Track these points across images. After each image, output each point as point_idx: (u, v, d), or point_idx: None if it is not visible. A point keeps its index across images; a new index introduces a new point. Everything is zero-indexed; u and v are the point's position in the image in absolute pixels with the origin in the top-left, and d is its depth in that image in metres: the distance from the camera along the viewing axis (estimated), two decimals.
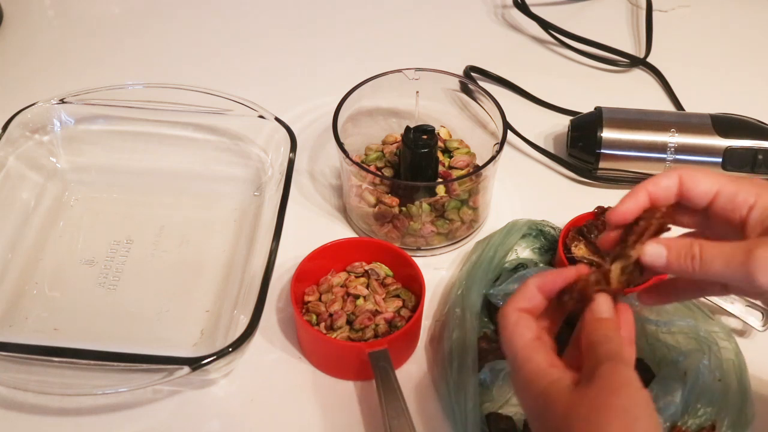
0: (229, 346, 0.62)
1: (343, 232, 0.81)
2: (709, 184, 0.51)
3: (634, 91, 0.99)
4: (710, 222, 0.53)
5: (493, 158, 0.75)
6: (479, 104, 0.82)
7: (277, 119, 0.81)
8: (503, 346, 0.50)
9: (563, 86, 0.98)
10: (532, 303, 0.51)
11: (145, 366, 0.62)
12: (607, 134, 0.83)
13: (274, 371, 0.70)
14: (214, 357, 0.61)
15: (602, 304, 0.49)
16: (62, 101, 0.83)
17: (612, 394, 0.44)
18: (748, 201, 0.50)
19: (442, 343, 0.69)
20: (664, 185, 0.52)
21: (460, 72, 0.97)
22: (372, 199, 0.77)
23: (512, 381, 0.49)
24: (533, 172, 0.88)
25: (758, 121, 0.85)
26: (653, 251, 0.50)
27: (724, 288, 0.54)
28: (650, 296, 0.57)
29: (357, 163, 0.76)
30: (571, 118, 0.89)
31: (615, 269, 0.51)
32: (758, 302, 0.74)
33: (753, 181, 0.51)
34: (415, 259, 0.72)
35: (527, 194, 0.86)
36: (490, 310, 0.72)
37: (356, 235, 0.81)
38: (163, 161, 0.84)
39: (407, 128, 0.77)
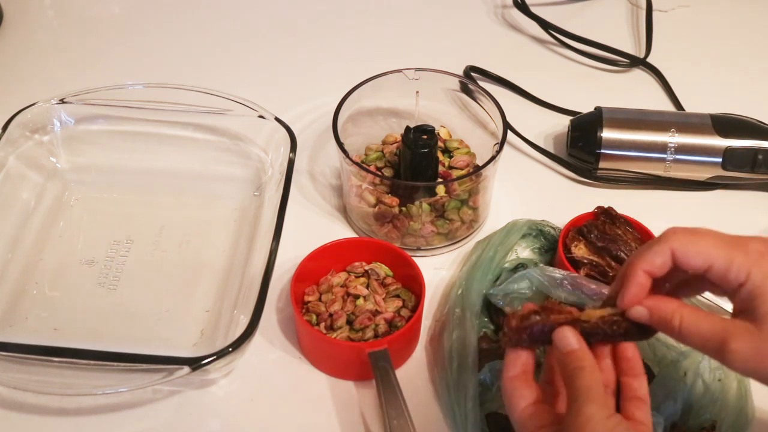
0: (229, 346, 0.62)
1: (343, 232, 0.81)
2: (700, 260, 0.50)
3: (634, 91, 0.99)
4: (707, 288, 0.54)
5: (493, 158, 0.75)
6: (479, 104, 0.82)
7: (277, 119, 0.81)
8: (508, 414, 0.53)
9: (563, 86, 0.98)
10: (523, 366, 0.53)
11: (145, 366, 0.62)
12: (607, 134, 0.83)
13: (274, 371, 0.70)
14: (214, 357, 0.61)
15: (567, 336, 0.52)
16: (62, 101, 0.83)
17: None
18: (739, 278, 0.49)
19: (442, 343, 0.69)
20: (658, 264, 0.51)
21: (460, 72, 0.97)
22: (372, 199, 0.77)
23: None
24: (533, 172, 0.88)
25: (758, 121, 0.85)
26: (638, 313, 0.52)
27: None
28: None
29: (357, 163, 0.76)
30: (571, 118, 0.89)
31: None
32: None
33: (748, 251, 0.50)
34: (415, 259, 0.72)
35: (527, 194, 0.86)
36: (490, 310, 0.72)
37: (356, 235, 0.81)
38: (163, 161, 0.84)
39: (407, 128, 0.77)
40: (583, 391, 0.49)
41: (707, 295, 0.71)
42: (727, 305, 0.71)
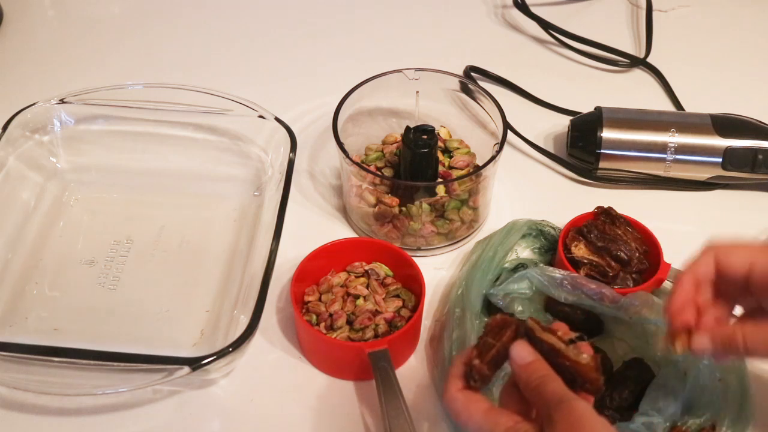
0: (229, 346, 0.62)
1: (343, 232, 0.81)
2: (740, 260, 0.53)
3: (634, 91, 0.99)
4: (756, 294, 0.54)
5: (493, 158, 0.75)
6: (479, 104, 0.82)
7: (277, 119, 0.81)
8: (464, 428, 0.52)
9: (563, 86, 0.98)
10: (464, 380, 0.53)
11: (145, 366, 0.62)
12: (607, 134, 0.83)
13: (274, 371, 0.70)
14: (214, 357, 0.61)
15: (522, 350, 0.52)
16: (62, 101, 0.83)
17: (576, 431, 0.47)
18: None
19: (442, 343, 0.69)
20: (702, 271, 0.54)
21: (460, 72, 0.97)
22: (372, 199, 0.77)
23: None
24: (533, 172, 0.88)
25: (758, 121, 0.85)
26: (700, 343, 0.53)
27: None
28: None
29: (357, 163, 0.76)
30: (571, 118, 0.89)
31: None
32: None
33: None
34: (415, 259, 0.72)
35: (527, 194, 0.86)
36: (490, 310, 0.72)
37: (356, 235, 0.81)
38: (163, 161, 0.84)
39: (407, 128, 0.77)
40: (560, 392, 0.49)
41: None
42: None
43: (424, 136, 0.76)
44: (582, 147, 0.86)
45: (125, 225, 0.80)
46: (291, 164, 0.77)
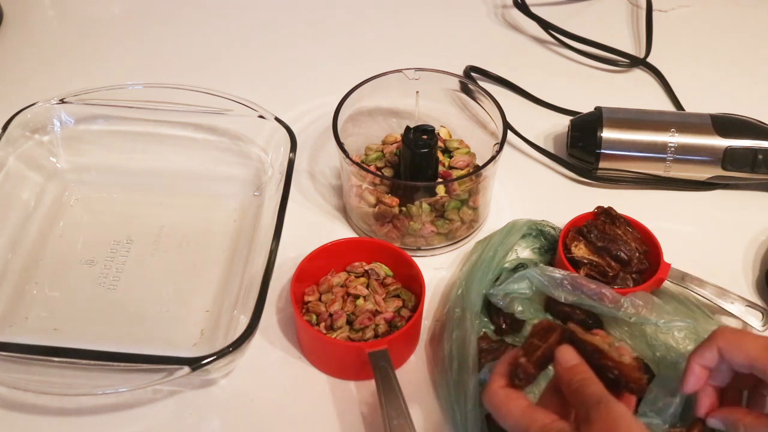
0: (229, 346, 0.62)
1: (343, 232, 0.81)
2: (743, 358, 0.55)
3: (634, 91, 0.99)
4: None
5: (493, 158, 0.75)
6: (479, 104, 0.82)
7: (277, 119, 0.81)
8: (501, 422, 0.53)
9: (563, 86, 0.98)
10: (509, 377, 0.55)
11: (145, 366, 0.62)
12: (607, 134, 0.83)
13: (274, 371, 0.70)
14: (214, 357, 0.61)
15: (566, 353, 0.53)
16: (62, 101, 0.83)
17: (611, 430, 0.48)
18: None
19: (442, 343, 0.69)
20: (708, 358, 0.57)
21: (460, 72, 0.97)
22: (372, 199, 0.77)
23: None
24: (533, 172, 0.88)
25: (758, 121, 0.85)
26: (715, 425, 0.58)
27: None
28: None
29: (357, 163, 0.76)
30: (571, 118, 0.89)
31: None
32: (758, 302, 0.74)
33: None
34: (415, 259, 0.72)
35: (527, 194, 0.86)
36: (490, 310, 0.72)
37: (356, 235, 0.81)
38: (163, 161, 0.84)
39: (407, 128, 0.77)
40: (600, 393, 0.50)
41: (706, 294, 0.72)
42: (728, 305, 0.71)
43: (424, 136, 0.76)
44: (582, 147, 0.86)
45: (125, 225, 0.80)
46: (291, 164, 0.77)
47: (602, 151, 0.84)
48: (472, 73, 0.98)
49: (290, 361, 0.71)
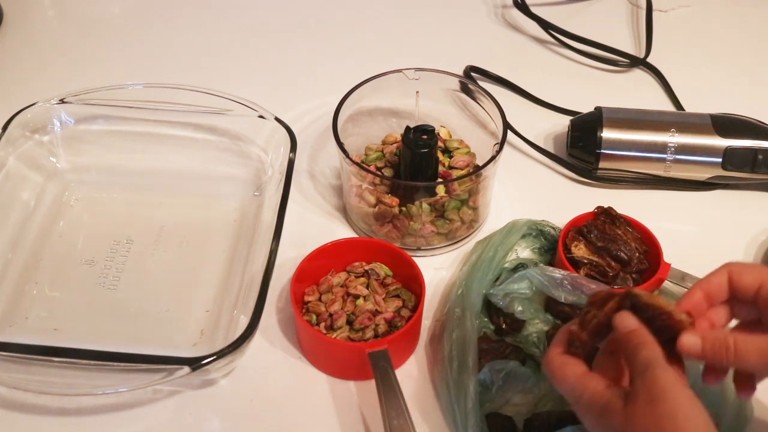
0: (229, 346, 0.62)
1: (343, 232, 0.81)
2: (752, 278, 0.54)
3: (634, 91, 0.99)
4: (762, 313, 0.55)
5: (493, 158, 0.75)
6: (479, 104, 0.82)
7: (277, 119, 0.81)
8: (557, 387, 0.54)
9: (563, 86, 0.98)
10: (568, 344, 0.55)
11: (145, 366, 0.62)
12: (607, 134, 0.83)
13: (274, 371, 0.70)
14: (214, 357, 0.61)
15: (625, 319, 0.53)
16: (62, 101, 0.83)
17: (657, 403, 0.48)
18: None
19: (442, 343, 0.69)
20: (715, 282, 0.56)
21: (460, 72, 0.98)
22: (372, 199, 0.77)
23: (576, 410, 0.53)
24: (533, 172, 0.88)
25: (758, 121, 0.85)
26: (689, 341, 0.52)
27: None
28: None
29: (357, 163, 0.76)
30: (571, 118, 0.89)
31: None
32: None
33: None
34: (415, 259, 0.72)
35: (527, 194, 0.86)
36: (490, 310, 0.72)
37: (356, 235, 0.81)
38: (163, 161, 0.84)
39: (407, 128, 0.77)
40: (650, 359, 0.50)
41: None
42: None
43: (424, 136, 0.76)
44: (582, 147, 0.86)
45: (125, 225, 0.80)
46: (291, 164, 0.77)
47: (602, 151, 0.84)
48: (472, 73, 0.98)
49: (290, 361, 0.71)
